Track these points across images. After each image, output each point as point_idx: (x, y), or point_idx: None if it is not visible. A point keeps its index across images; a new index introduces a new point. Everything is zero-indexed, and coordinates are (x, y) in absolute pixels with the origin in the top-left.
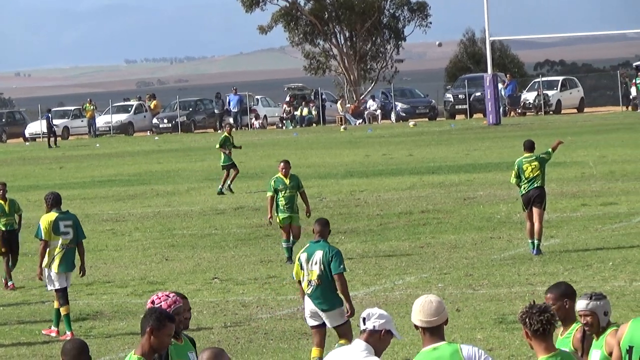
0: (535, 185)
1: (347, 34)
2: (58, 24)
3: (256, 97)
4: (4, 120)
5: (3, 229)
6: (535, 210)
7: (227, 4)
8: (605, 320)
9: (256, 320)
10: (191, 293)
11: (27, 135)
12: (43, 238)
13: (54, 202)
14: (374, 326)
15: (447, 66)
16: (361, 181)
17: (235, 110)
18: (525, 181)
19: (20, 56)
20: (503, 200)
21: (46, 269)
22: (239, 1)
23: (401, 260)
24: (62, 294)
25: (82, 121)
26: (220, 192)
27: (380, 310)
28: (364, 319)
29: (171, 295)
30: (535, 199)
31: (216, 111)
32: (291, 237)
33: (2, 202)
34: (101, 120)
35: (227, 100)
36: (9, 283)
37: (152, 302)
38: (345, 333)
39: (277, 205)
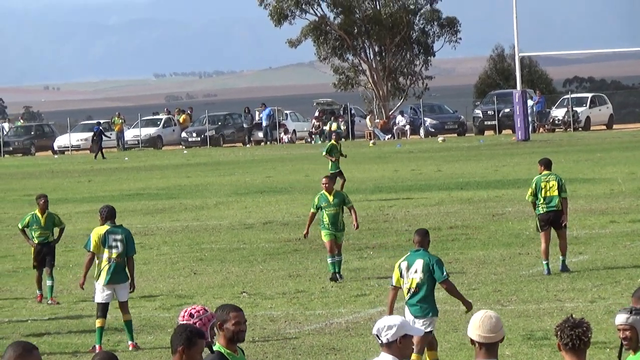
0: (554, 208)
1: (377, 49)
2: (87, 37)
3: (285, 111)
4: (33, 133)
5: (36, 241)
6: (558, 232)
7: (256, 18)
8: None
9: (284, 335)
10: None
11: (55, 148)
12: (90, 250)
13: (108, 215)
14: (387, 339)
15: (476, 82)
16: (390, 196)
17: (266, 125)
18: (543, 201)
19: (50, 69)
20: (532, 216)
21: (95, 282)
22: (268, 15)
23: None
24: (102, 307)
25: (110, 135)
26: None
27: (387, 319)
28: (377, 336)
29: (208, 311)
30: (554, 221)
31: (245, 125)
32: (336, 252)
33: (40, 215)
34: (130, 134)
35: (258, 114)
36: (38, 293)
37: (190, 315)
38: (431, 342)
39: (322, 222)
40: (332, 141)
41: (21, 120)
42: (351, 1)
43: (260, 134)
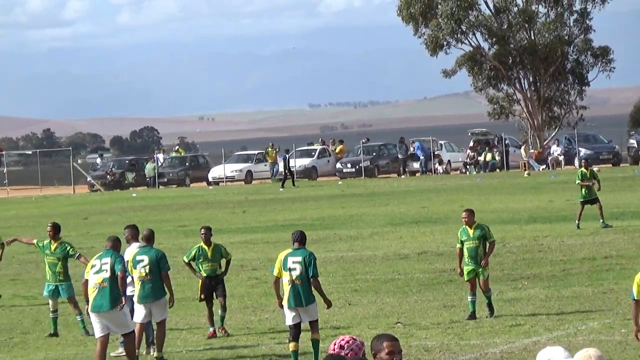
0: None
1: (531, 79)
2: (242, 67)
3: (440, 142)
4: (187, 164)
5: (204, 274)
6: None
7: (411, 48)
8: None
9: None
10: (372, 338)
11: (210, 179)
12: (274, 274)
13: (297, 238)
14: None
15: (631, 112)
16: (544, 227)
17: (422, 156)
18: None
19: (204, 100)
20: None
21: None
22: (423, 45)
23: (584, 305)
24: (293, 331)
25: (265, 165)
26: (578, 227)
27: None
28: None
29: (357, 340)
30: None
31: (400, 156)
32: (477, 291)
33: (206, 247)
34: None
35: (412, 145)
36: (211, 329)
37: (340, 347)
38: None
39: (463, 257)
40: (582, 168)
41: (177, 151)
42: (506, 31)
43: (415, 165)
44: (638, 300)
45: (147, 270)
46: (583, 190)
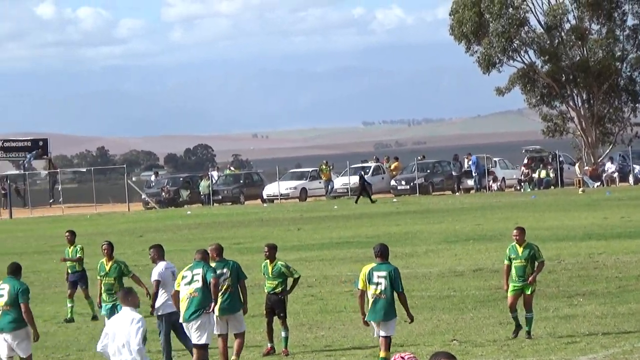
0: None
1: (584, 96)
2: (295, 85)
3: (494, 159)
4: (242, 181)
5: (266, 291)
6: None
7: (464, 65)
8: None
9: None
10: (429, 355)
11: (264, 196)
12: (359, 288)
13: (378, 252)
14: None
15: None
16: (599, 244)
17: (476, 173)
18: None
19: (258, 118)
20: None
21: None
22: (475, 63)
23: None
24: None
25: (319, 183)
26: None
27: None
28: None
29: (411, 357)
30: None
31: (454, 173)
32: (517, 310)
33: (269, 265)
34: (339, 182)
35: (466, 161)
36: (268, 345)
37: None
38: None
39: (510, 274)
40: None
41: (230, 169)
42: (558, 49)
43: (470, 182)
44: None
45: (230, 282)
46: None
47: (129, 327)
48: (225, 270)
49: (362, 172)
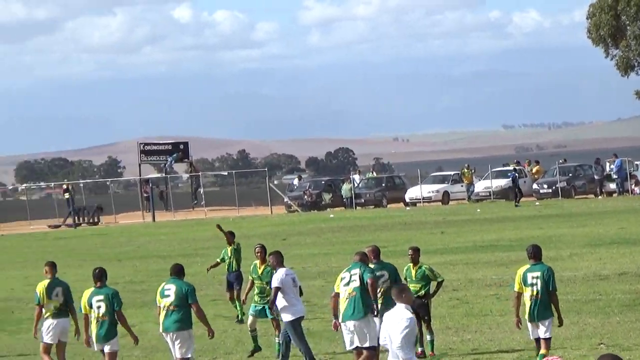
0: None
1: None
2: (434, 88)
3: (636, 162)
4: (384, 185)
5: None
6: None
7: (603, 68)
8: None
9: None
10: (577, 359)
11: (407, 199)
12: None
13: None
14: None
15: None
16: None
17: (618, 176)
18: None
19: (398, 121)
20: None
21: None
22: (614, 66)
23: None
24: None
25: (461, 186)
26: None
27: None
28: None
29: None
30: None
31: (596, 177)
32: None
33: (412, 268)
34: (480, 185)
35: (608, 165)
36: (419, 349)
37: None
38: None
39: None
40: None
41: (372, 172)
42: None
43: (612, 185)
44: None
45: (387, 286)
46: None
47: (397, 324)
48: (384, 272)
49: (515, 175)
